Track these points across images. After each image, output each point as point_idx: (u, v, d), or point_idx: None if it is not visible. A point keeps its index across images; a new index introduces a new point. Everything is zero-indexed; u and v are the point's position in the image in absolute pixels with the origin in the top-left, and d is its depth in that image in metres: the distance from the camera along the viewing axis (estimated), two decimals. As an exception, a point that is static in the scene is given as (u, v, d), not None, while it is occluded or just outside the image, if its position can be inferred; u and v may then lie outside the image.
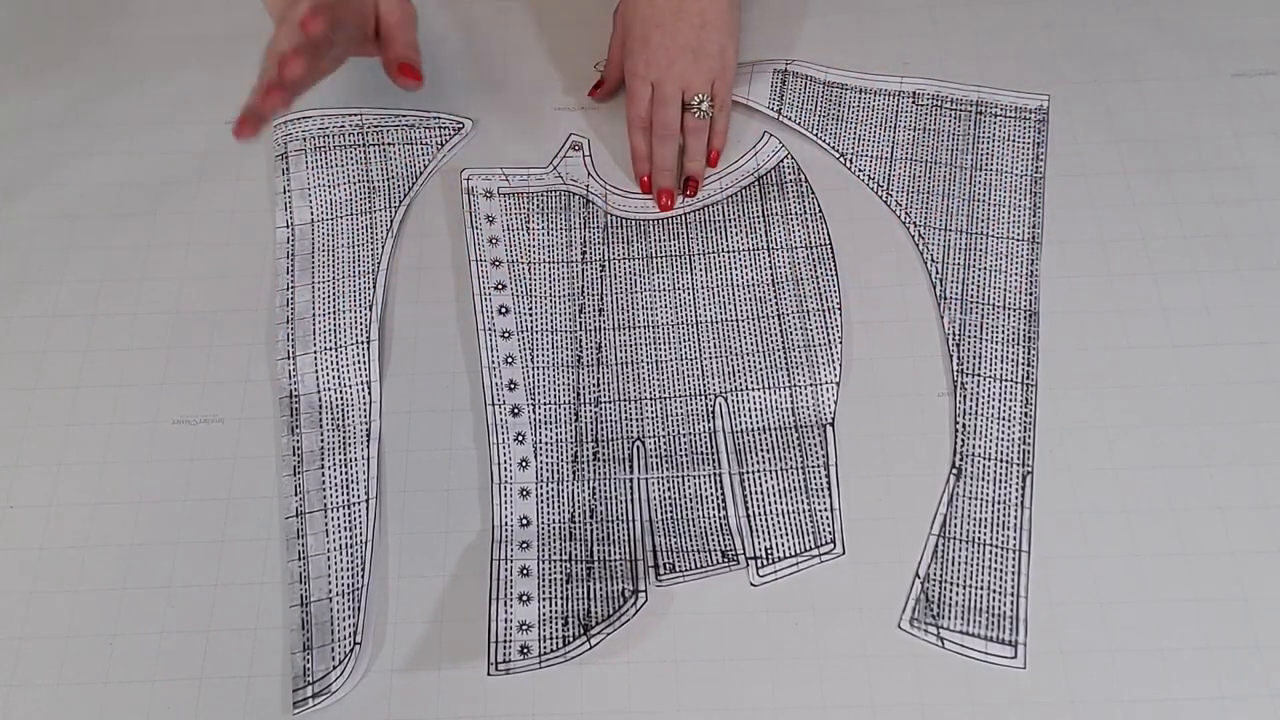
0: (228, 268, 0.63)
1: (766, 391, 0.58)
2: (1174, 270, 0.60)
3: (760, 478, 0.55)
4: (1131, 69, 0.67)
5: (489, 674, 0.51)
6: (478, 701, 0.51)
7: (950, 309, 0.60)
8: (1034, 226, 0.62)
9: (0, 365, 0.60)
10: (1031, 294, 0.60)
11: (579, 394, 0.58)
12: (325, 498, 0.55)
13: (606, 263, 0.62)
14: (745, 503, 0.55)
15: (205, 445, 0.57)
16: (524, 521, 0.55)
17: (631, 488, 0.56)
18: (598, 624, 0.52)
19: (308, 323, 0.60)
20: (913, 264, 0.61)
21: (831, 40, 0.69)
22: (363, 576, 0.53)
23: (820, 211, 0.63)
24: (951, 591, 0.53)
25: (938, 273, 0.61)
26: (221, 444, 0.57)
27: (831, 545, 0.54)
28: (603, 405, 0.58)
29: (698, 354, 0.59)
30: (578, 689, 0.51)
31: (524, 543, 0.54)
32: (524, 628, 0.52)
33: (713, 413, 0.57)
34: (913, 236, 0.62)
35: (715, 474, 0.56)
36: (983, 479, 0.55)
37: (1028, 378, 0.57)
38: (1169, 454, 0.55)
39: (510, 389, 0.58)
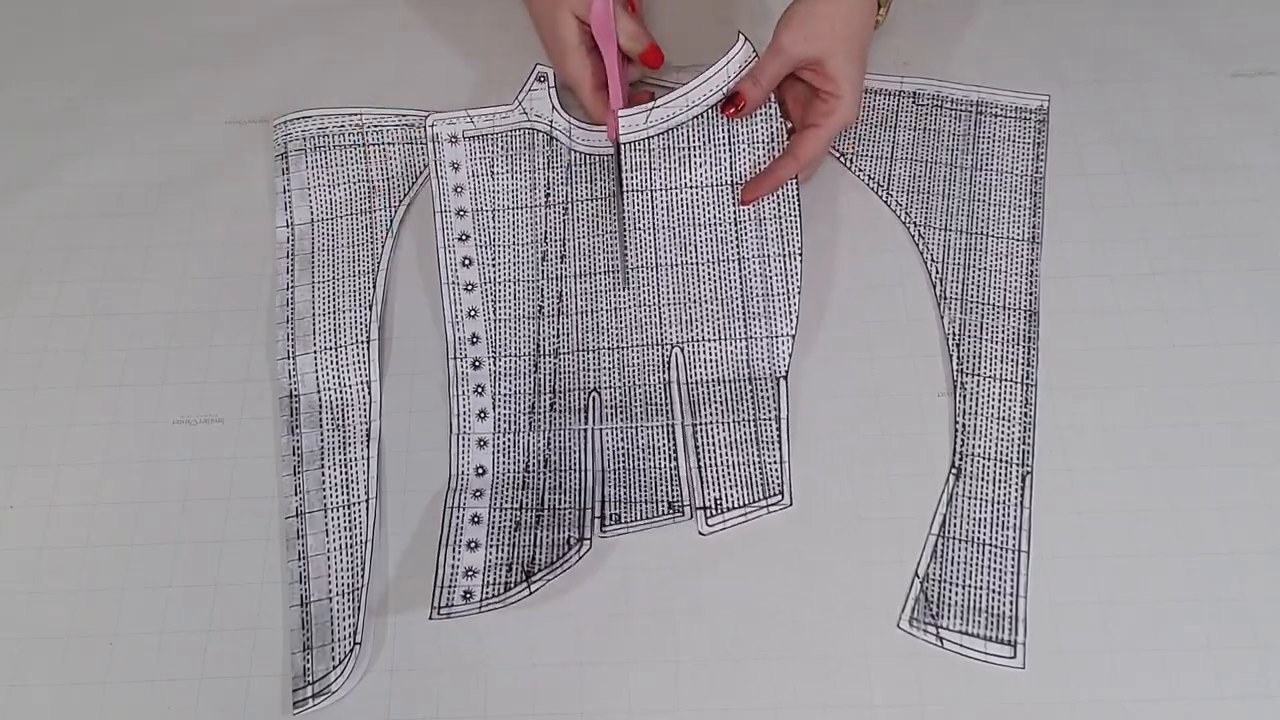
0: (228, 268, 0.63)
1: (722, 343, 0.58)
2: (1174, 270, 0.60)
3: (712, 429, 0.56)
4: (1132, 69, 0.67)
5: (430, 618, 0.52)
6: (478, 702, 0.51)
7: (950, 309, 0.60)
8: (1034, 226, 0.62)
9: (0, 365, 0.60)
10: (1031, 294, 0.60)
11: (538, 345, 0.59)
12: (325, 498, 0.55)
13: (570, 204, 0.62)
14: (696, 453, 0.55)
15: (205, 445, 0.57)
16: (479, 470, 0.56)
17: (586, 438, 0.56)
18: (540, 570, 0.52)
19: (308, 323, 0.60)
20: (913, 264, 0.61)
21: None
22: (363, 576, 0.53)
23: (785, 140, 0.61)
24: (951, 591, 0.53)
25: (938, 273, 0.61)
26: (221, 444, 0.57)
27: (779, 497, 0.54)
28: (561, 356, 0.58)
29: (655, 300, 0.59)
30: (577, 689, 0.51)
31: (478, 490, 0.55)
32: (469, 574, 0.53)
33: (667, 363, 0.58)
34: (913, 236, 0.62)
35: (668, 425, 0.56)
36: (982, 479, 0.55)
37: (1027, 378, 0.58)
38: (1169, 454, 0.55)
39: (472, 342, 0.59)
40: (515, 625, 0.52)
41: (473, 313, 0.59)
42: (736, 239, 0.60)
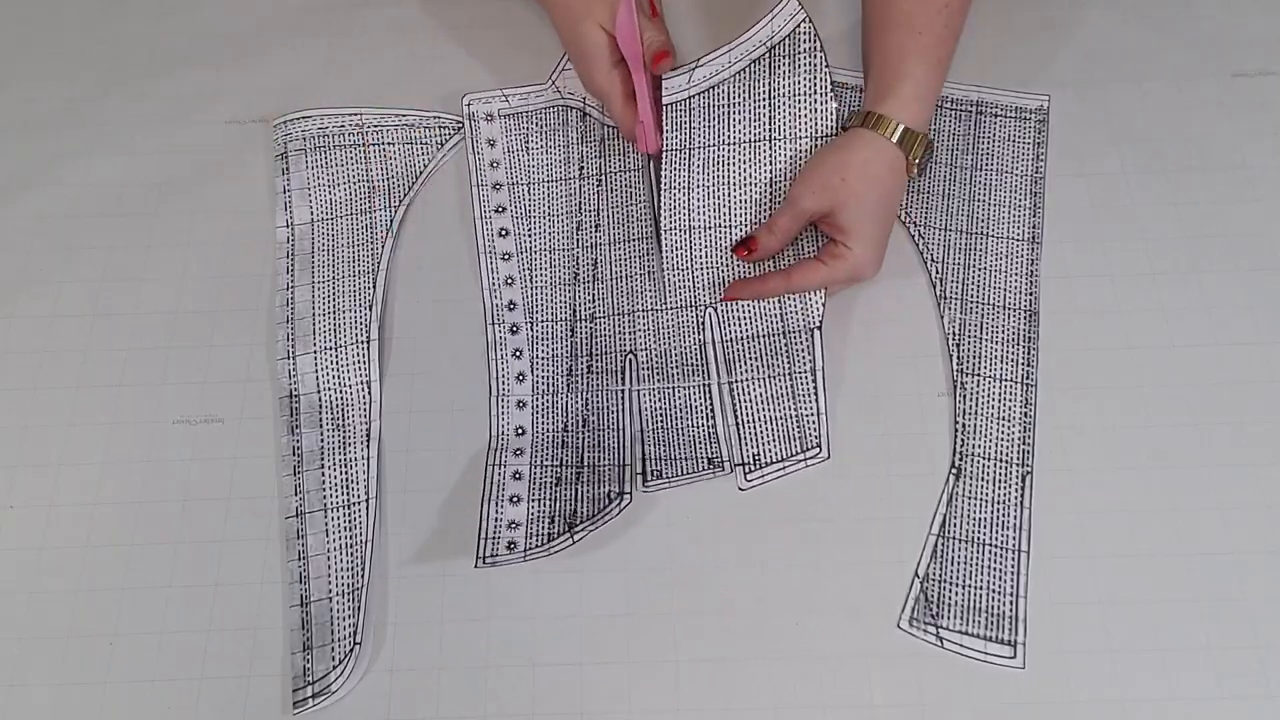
0: (228, 268, 0.63)
1: (756, 301, 0.58)
2: (1174, 270, 0.60)
3: (748, 385, 0.57)
4: (1132, 69, 0.67)
5: (475, 567, 0.53)
6: (478, 702, 0.51)
7: (950, 309, 0.60)
8: (1034, 226, 0.62)
9: (0, 365, 0.60)
10: (1031, 294, 0.60)
11: (575, 310, 0.60)
12: (325, 498, 0.55)
13: (603, 176, 0.63)
14: (734, 410, 0.56)
15: (205, 445, 0.57)
16: (519, 431, 0.57)
17: (623, 398, 0.57)
18: (582, 522, 0.53)
19: (308, 323, 0.60)
20: (913, 264, 0.61)
21: (832, 40, 0.69)
22: (363, 576, 0.53)
23: (830, 92, 0.60)
24: (951, 591, 0.53)
25: (938, 273, 0.61)
26: (221, 444, 0.57)
27: (817, 450, 0.55)
28: (597, 320, 0.60)
29: (689, 264, 0.60)
30: (577, 687, 0.51)
31: (518, 450, 0.56)
32: (512, 526, 0.54)
33: (702, 324, 0.58)
34: (913, 236, 0.62)
35: (705, 384, 0.57)
36: (982, 479, 0.55)
37: (1027, 377, 0.58)
38: (1169, 454, 0.55)
39: (510, 309, 0.60)
40: (515, 625, 0.52)
41: (509, 280, 0.61)
42: (770, 199, 0.60)
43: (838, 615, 0.52)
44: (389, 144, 0.66)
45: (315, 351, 0.59)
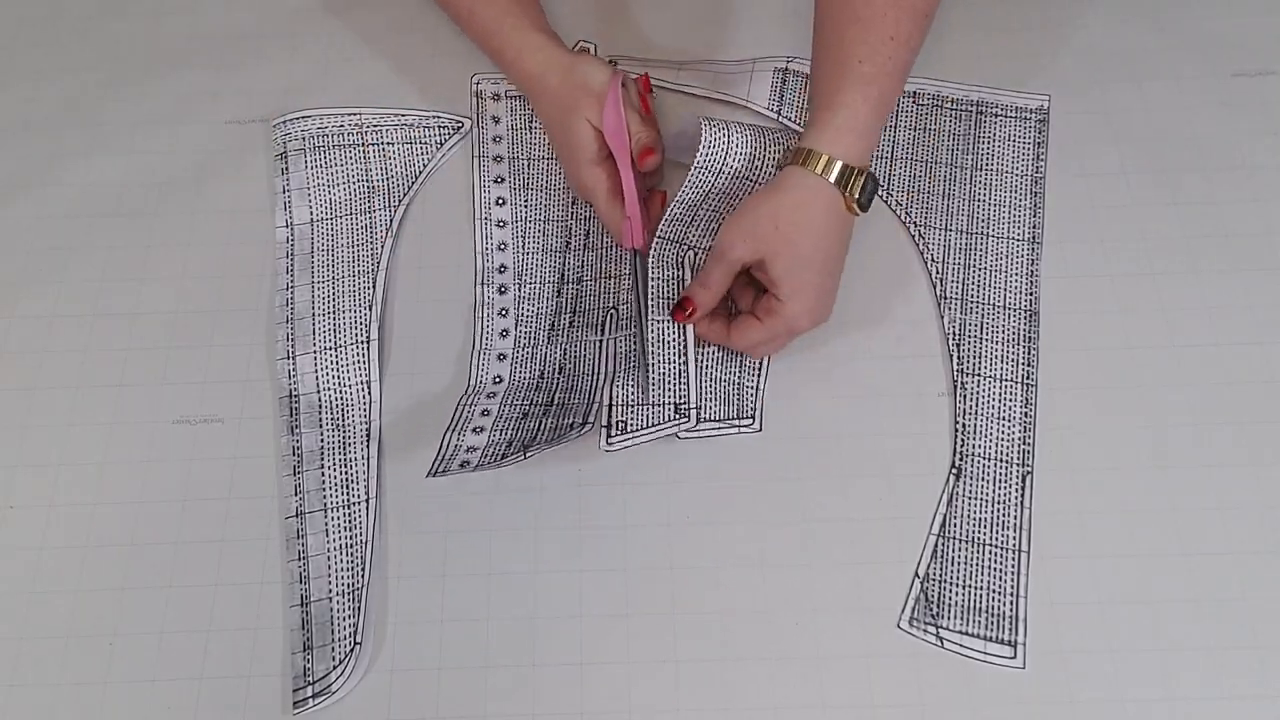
0: (228, 268, 0.63)
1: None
2: (1174, 270, 0.60)
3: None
4: (1132, 69, 0.67)
5: (427, 476, 0.52)
6: (478, 702, 0.51)
7: (950, 309, 0.60)
8: (1034, 226, 0.62)
9: (0, 365, 0.60)
10: (1032, 294, 0.60)
11: (563, 275, 0.62)
12: (325, 498, 0.55)
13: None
14: (695, 359, 0.57)
15: (205, 445, 0.57)
16: (497, 379, 0.58)
17: (602, 347, 0.59)
18: (538, 444, 0.53)
19: (307, 323, 0.60)
20: (913, 264, 0.61)
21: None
22: (363, 576, 0.53)
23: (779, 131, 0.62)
24: (951, 591, 0.53)
25: (938, 273, 0.61)
26: (221, 444, 0.57)
27: (750, 421, 0.57)
28: (584, 283, 0.61)
29: (684, 232, 0.60)
30: (577, 688, 0.51)
31: (492, 394, 0.57)
32: (470, 450, 0.54)
33: (682, 261, 0.59)
34: (913, 236, 0.62)
35: (681, 328, 0.57)
36: (983, 479, 0.55)
37: (1028, 378, 0.58)
38: (1169, 454, 0.55)
39: (500, 271, 0.62)
40: (515, 625, 0.52)
41: (503, 246, 0.63)
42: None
43: (838, 615, 0.52)
44: (388, 144, 0.66)
45: (315, 351, 0.59)
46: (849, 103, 0.53)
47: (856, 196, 0.53)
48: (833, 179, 0.52)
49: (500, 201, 0.64)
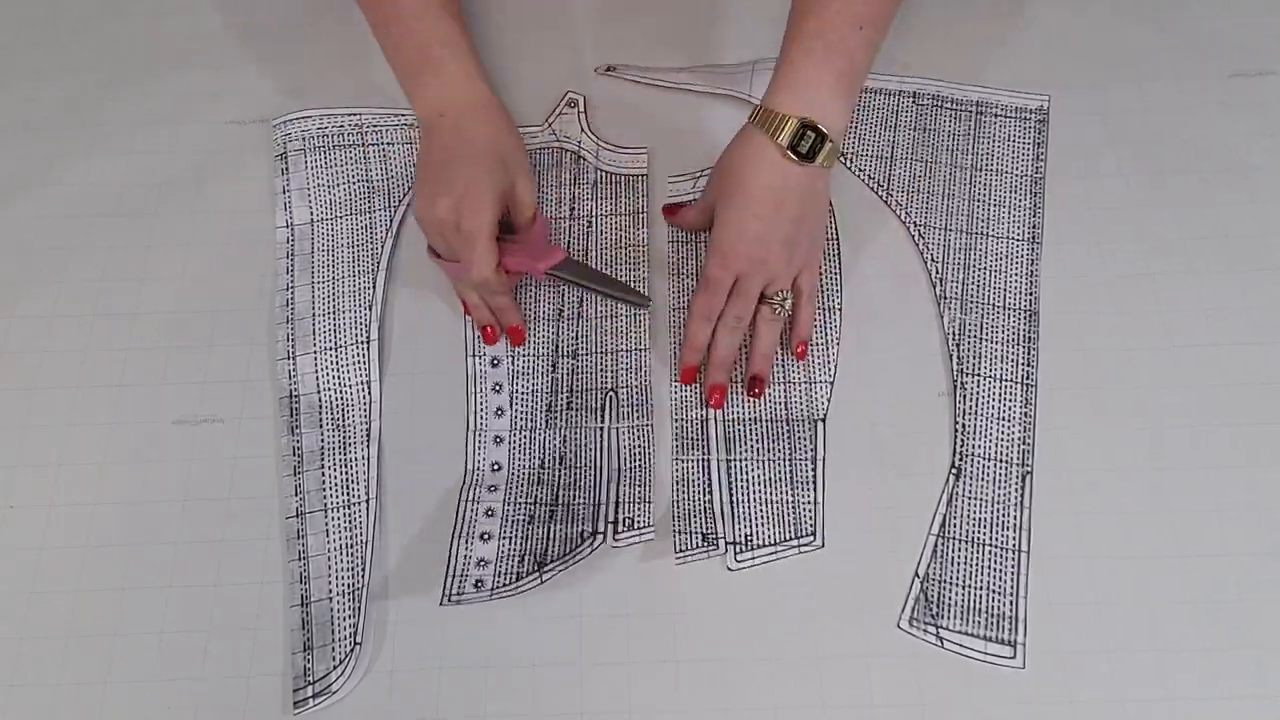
0: (228, 268, 0.63)
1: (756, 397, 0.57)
2: (1173, 270, 0.60)
3: (747, 466, 0.56)
4: (1131, 69, 0.67)
5: (440, 604, 0.52)
6: (478, 702, 0.51)
7: (950, 309, 0.60)
8: (1034, 226, 0.62)
9: (0, 365, 0.60)
10: (1031, 294, 0.60)
11: (557, 346, 0.59)
12: (325, 498, 0.55)
13: (594, 219, 0.63)
14: (730, 488, 0.55)
15: (205, 445, 0.57)
16: (495, 466, 0.56)
17: (602, 436, 0.57)
18: (552, 561, 0.53)
19: (307, 323, 0.60)
20: (913, 264, 0.61)
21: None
22: (363, 576, 0.53)
23: (830, 207, 0.62)
24: (951, 591, 0.53)
25: (938, 273, 0.61)
26: (221, 444, 0.57)
27: (811, 538, 0.54)
28: (579, 357, 0.59)
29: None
30: (577, 688, 0.51)
31: (492, 486, 0.55)
32: (481, 563, 0.53)
33: (706, 401, 0.57)
34: (913, 236, 0.62)
35: (704, 459, 0.56)
36: (982, 479, 0.55)
37: (1027, 378, 0.58)
38: (1168, 454, 0.55)
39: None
40: (516, 625, 0.52)
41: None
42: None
43: (838, 615, 0.52)
44: (388, 144, 0.66)
45: (315, 352, 0.59)
46: (792, 60, 0.54)
47: (788, 144, 0.53)
48: (769, 130, 0.53)
49: None
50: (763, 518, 0.54)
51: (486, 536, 0.54)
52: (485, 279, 0.55)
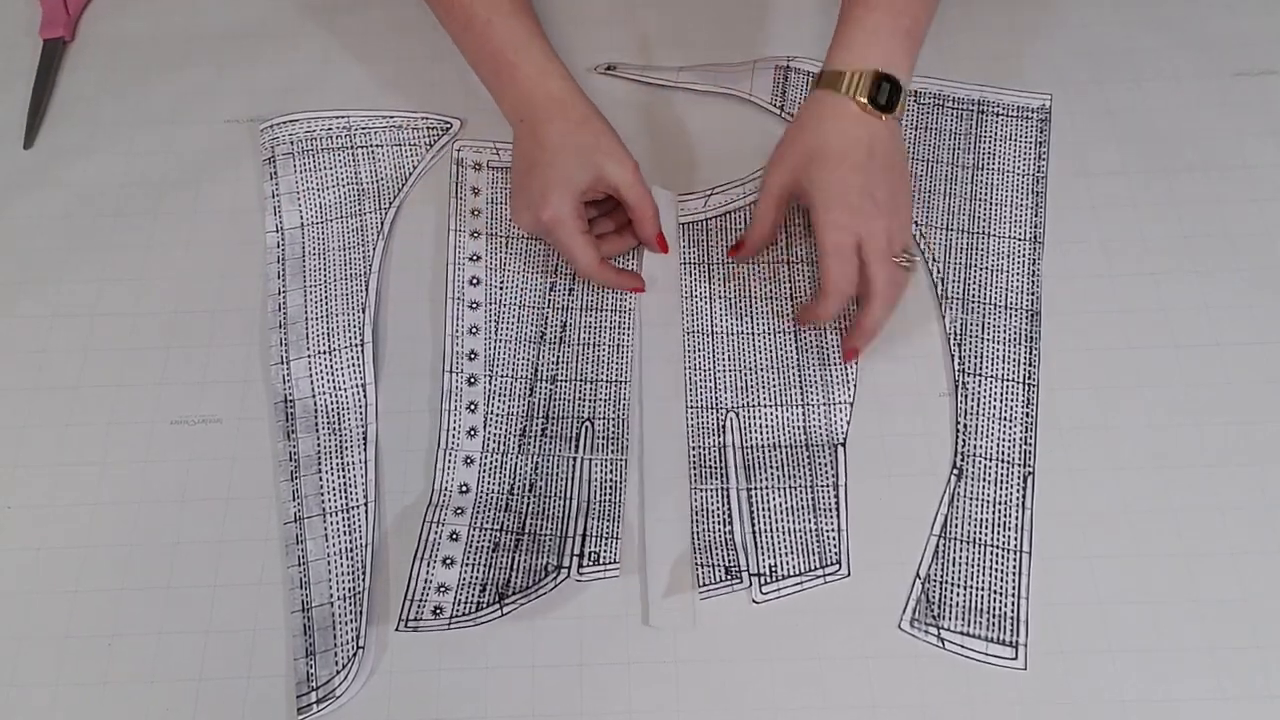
0: (228, 268, 0.63)
1: (778, 408, 0.57)
2: (1174, 270, 0.60)
3: (768, 494, 0.55)
4: (1133, 69, 0.67)
5: (396, 629, 0.52)
6: (479, 704, 0.51)
7: (951, 309, 0.59)
8: (1036, 226, 0.62)
9: (0, 365, 0.60)
10: (1033, 294, 0.60)
11: (537, 370, 0.58)
12: (324, 503, 0.55)
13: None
14: (752, 519, 0.54)
15: (204, 445, 0.57)
16: (463, 488, 0.55)
17: (575, 466, 0.56)
18: (513, 594, 0.52)
19: (300, 327, 0.60)
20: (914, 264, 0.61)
21: (833, 39, 0.68)
22: (363, 581, 0.53)
23: None
24: (952, 592, 0.52)
25: (939, 273, 0.61)
26: (220, 444, 0.57)
27: (837, 567, 0.53)
28: (558, 383, 0.58)
29: (711, 365, 0.58)
30: (578, 689, 0.51)
31: (459, 508, 0.54)
32: (441, 589, 0.52)
33: (723, 427, 0.57)
34: (913, 236, 0.62)
35: (723, 489, 0.55)
36: (984, 479, 0.55)
37: (1029, 378, 0.57)
38: (1169, 454, 0.55)
39: (470, 358, 0.58)
40: (516, 627, 0.52)
41: (474, 330, 0.59)
42: (793, 312, 0.60)
43: (838, 616, 0.52)
44: (377, 146, 0.66)
45: (309, 356, 0.59)
46: (855, 16, 0.54)
47: (867, 99, 0.53)
48: (845, 89, 0.53)
49: (475, 281, 0.61)
50: (787, 548, 0.54)
51: (449, 561, 0.53)
52: (591, 274, 0.57)
